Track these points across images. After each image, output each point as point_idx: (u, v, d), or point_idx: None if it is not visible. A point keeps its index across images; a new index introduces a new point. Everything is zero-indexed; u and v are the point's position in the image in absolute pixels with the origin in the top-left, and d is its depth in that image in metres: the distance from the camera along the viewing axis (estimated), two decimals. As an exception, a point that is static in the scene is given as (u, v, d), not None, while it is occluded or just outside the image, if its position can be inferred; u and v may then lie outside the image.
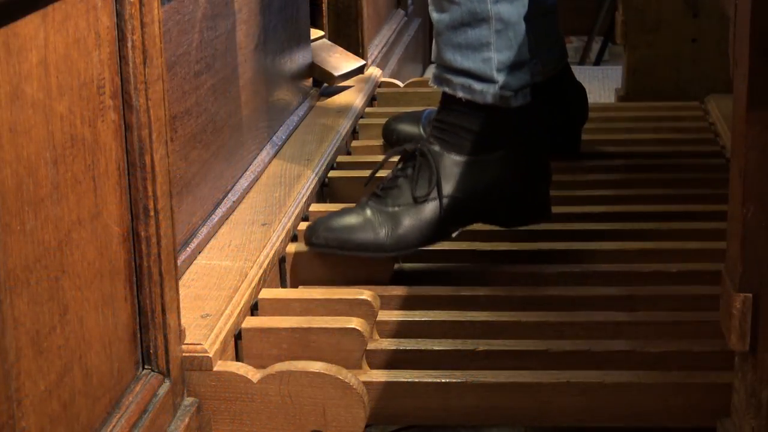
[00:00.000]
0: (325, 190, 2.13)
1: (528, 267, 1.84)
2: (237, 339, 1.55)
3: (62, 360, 1.12)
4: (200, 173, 1.73)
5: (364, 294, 1.65)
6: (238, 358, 1.57)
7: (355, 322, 1.56)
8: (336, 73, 2.54)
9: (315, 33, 2.59)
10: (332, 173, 2.16)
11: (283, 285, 1.81)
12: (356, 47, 2.77)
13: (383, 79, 2.83)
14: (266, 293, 1.66)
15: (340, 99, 2.55)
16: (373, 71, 2.81)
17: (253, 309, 1.64)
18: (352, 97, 2.56)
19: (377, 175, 1.89)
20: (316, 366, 1.44)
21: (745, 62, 1.17)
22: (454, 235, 1.84)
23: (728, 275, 1.25)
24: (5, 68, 1.00)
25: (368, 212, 1.79)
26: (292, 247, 1.81)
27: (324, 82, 2.55)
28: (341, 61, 2.60)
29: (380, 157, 2.27)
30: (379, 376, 1.53)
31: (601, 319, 1.67)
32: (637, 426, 1.51)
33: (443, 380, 1.52)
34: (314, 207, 2.00)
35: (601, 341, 1.60)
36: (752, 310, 1.21)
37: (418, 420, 1.53)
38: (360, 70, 2.65)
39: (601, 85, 3.88)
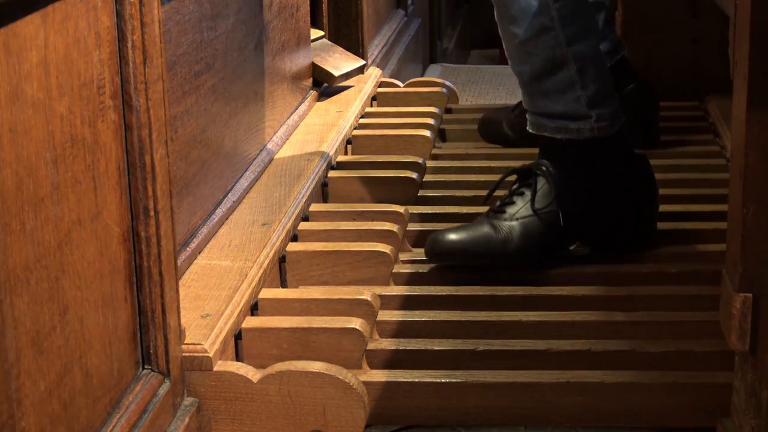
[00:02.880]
0: (325, 190, 2.13)
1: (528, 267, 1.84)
2: (237, 339, 1.55)
3: (62, 360, 1.12)
4: (200, 173, 1.73)
5: (364, 294, 1.65)
6: (238, 358, 1.57)
7: (355, 322, 1.56)
8: (336, 73, 2.54)
9: (315, 33, 2.59)
10: (332, 173, 2.15)
11: (283, 285, 1.81)
12: (356, 47, 2.77)
13: (383, 79, 2.83)
14: (266, 293, 1.66)
15: (340, 99, 2.55)
16: (373, 71, 2.81)
17: (253, 309, 1.63)
18: (352, 97, 2.56)
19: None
20: (316, 366, 1.44)
21: (745, 62, 1.17)
22: (571, 248, 1.89)
23: (728, 275, 1.25)
24: (5, 68, 1.00)
25: (486, 225, 1.84)
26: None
27: (324, 82, 2.55)
28: (341, 61, 2.60)
29: (377, 158, 2.28)
30: (379, 376, 1.54)
31: (601, 319, 1.67)
32: (637, 426, 1.51)
33: (443, 380, 1.52)
34: (314, 207, 2.00)
35: (601, 341, 1.60)
36: (752, 310, 1.22)
37: (418, 420, 1.53)
38: (360, 70, 2.65)
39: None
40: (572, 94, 1.82)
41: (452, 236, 1.83)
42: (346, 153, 2.35)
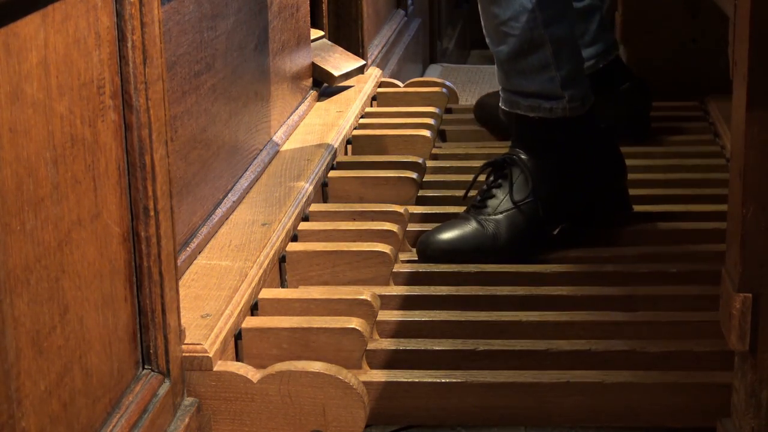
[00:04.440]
0: (325, 190, 2.13)
1: (528, 267, 1.84)
2: (237, 339, 1.55)
3: (62, 360, 1.12)
4: (200, 173, 1.73)
5: (364, 294, 1.65)
6: (238, 358, 1.57)
7: (355, 322, 1.56)
8: (336, 73, 2.54)
9: (315, 33, 2.59)
10: (332, 173, 2.15)
11: (283, 285, 1.81)
12: (356, 47, 2.77)
13: (383, 79, 2.83)
14: (266, 293, 1.66)
15: (340, 99, 2.55)
16: (373, 71, 2.81)
17: (253, 309, 1.63)
18: (352, 97, 2.56)
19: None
20: (316, 366, 1.44)
21: (745, 62, 1.17)
22: (555, 233, 1.94)
23: (728, 275, 1.25)
24: (5, 68, 1.00)
25: (473, 222, 1.89)
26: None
27: (324, 82, 2.55)
28: (341, 61, 2.60)
29: (377, 158, 2.28)
30: (379, 376, 1.54)
31: (601, 319, 1.67)
32: (637, 426, 1.51)
33: (443, 380, 1.52)
34: (314, 207, 2.00)
35: (601, 341, 1.60)
36: (752, 310, 1.22)
37: (418, 420, 1.53)
38: (360, 70, 2.65)
39: (601, 85, 3.88)
40: (547, 74, 1.87)
41: (443, 237, 1.88)
42: (346, 153, 2.35)
